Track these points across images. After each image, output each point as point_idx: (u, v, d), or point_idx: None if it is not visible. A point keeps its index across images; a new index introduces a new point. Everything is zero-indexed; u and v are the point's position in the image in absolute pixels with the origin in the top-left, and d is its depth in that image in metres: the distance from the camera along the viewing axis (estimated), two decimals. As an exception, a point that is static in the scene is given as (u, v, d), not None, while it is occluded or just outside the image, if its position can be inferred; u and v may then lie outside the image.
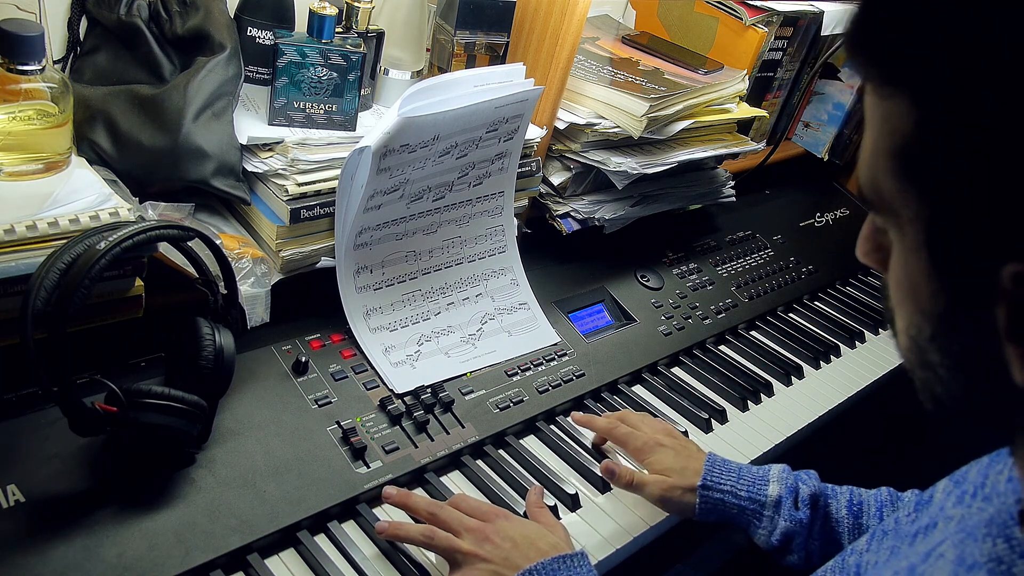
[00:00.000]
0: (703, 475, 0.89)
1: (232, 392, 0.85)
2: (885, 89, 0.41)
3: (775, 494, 0.87)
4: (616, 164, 1.18)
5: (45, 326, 0.66)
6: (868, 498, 0.89)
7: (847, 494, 0.90)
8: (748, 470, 0.90)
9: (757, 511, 0.87)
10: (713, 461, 0.91)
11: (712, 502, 0.88)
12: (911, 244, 0.43)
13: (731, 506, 0.88)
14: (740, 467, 0.91)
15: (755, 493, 0.88)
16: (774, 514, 0.87)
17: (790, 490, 0.88)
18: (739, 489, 0.88)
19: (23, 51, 0.75)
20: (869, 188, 0.45)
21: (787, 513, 0.86)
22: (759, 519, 0.87)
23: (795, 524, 0.85)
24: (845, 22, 0.43)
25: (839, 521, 0.88)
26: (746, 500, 0.88)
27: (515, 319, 1.10)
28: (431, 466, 0.91)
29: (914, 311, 0.45)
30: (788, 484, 0.88)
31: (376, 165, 0.90)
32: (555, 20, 1.09)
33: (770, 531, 0.86)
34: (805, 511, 0.86)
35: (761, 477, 0.89)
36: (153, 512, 0.75)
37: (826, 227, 1.70)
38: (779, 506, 0.87)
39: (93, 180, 0.82)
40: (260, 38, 0.99)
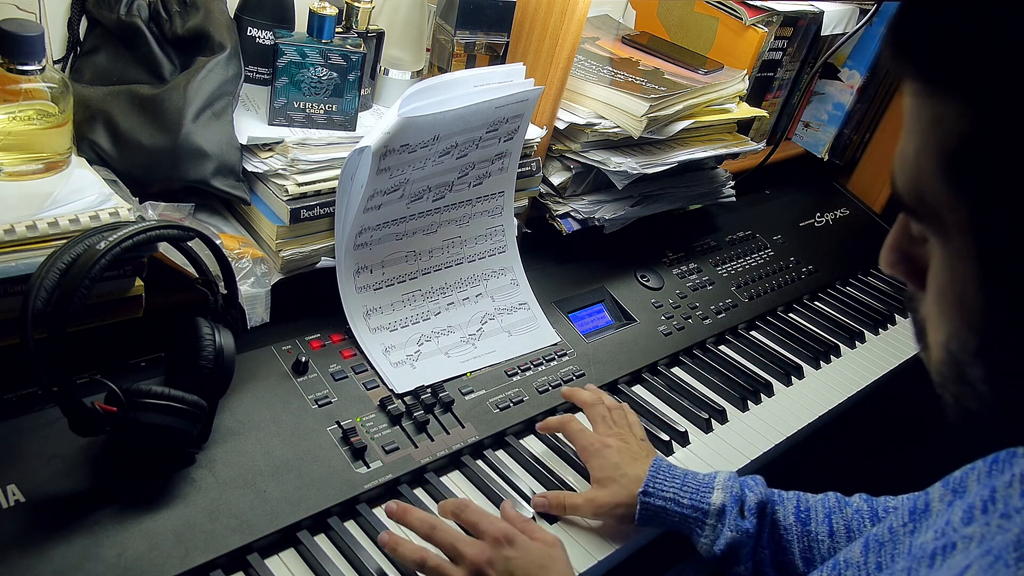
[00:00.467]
0: (645, 481, 0.86)
1: (232, 392, 0.85)
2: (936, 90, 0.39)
3: (719, 502, 0.84)
4: (616, 164, 1.18)
5: (45, 326, 0.66)
6: (815, 503, 0.87)
7: (794, 500, 0.87)
8: (693, 477, 0.87)
9: (699, 519, 0.84)
10: (658, 467, 0.88)
11: (653, 509, 0.86)
12: (958, 253, 0.40)
13: (672, 513, 0.85)
14: (686, 473, 0.88)
15: (698, 501, 0.84)
16: (716, 523, 0.83)
17: (735, 498, 0.84)
18: (681, 497, 0.85)
19: (23, 51, 0.75)
20: (911, 194, 0.42)
21: (732, 522, 0.82)
22: (701, 528, 0.84)
23: (741, 534, 0.82)
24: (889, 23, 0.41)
25: (787, 528, 0.85)
26: (688, 508, 0.84)
27: (515, 319, 1.10)
28: (431, 466, 0.91)
29: (960, 324, 0.42)
30: (733, 492, 0.85)
31: (376, 165, 0.90)
32: (555, 20, 1.09)
33: (712, 540, 0.83)
34: (752, 520, 0.83)
35: (706, 484, 0.86)
36: (153, 512, 0.75)
37: (826, 227, 1.70)
38: (723, 515, 0.83)
39: (93, 180, 0.82)
40: (260, 38, 0.99)
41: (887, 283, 1.63)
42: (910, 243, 0.47)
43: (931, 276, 0.44)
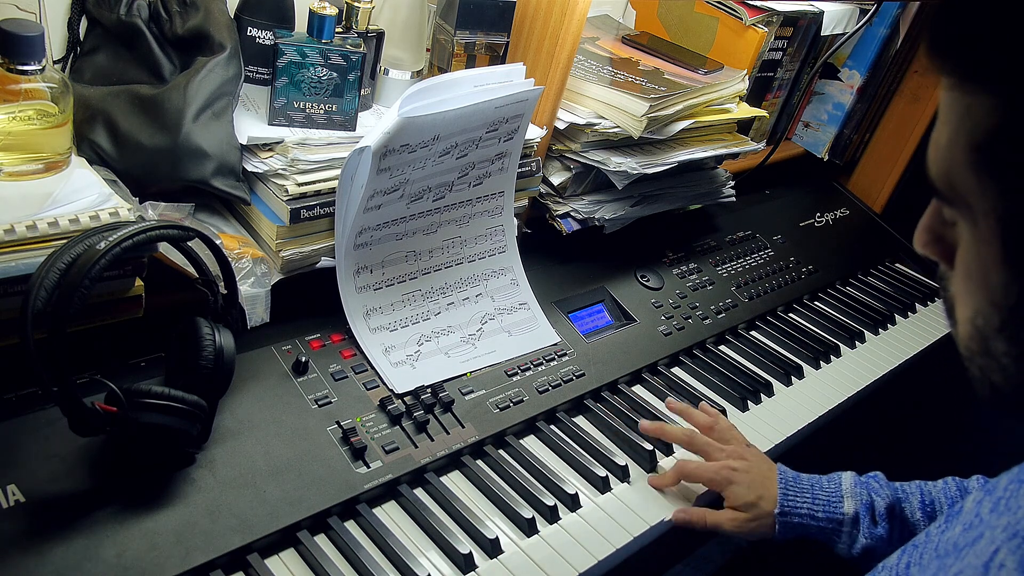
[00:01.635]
0: (779, 502, 0.91)
1: (232, 392, 0.85)
2: (969, 84, 0.42)
3: (851, 511, 0.90)
4: (616, 164, 1.18)
5: (45, 326, 0.66)
6: (938, 495, 0.92)
7: (918, 494, 0.92)
8: (821, 487, 0.92)
9: (836, 529, 0.90)
10: (786, 483, 0.93)
11: (791, 526, 0.91)
12: (984, 236, 0.44)
13: (810, 527, 0.91)
14: (813, 485, 0.93)
15: (832, 512, 0.90)
16: (852, 529, 0.89)
17: (866, 506, 0.90)
18: (816, 511, 0.90)
19: (23, 51, 0.75)
20: (942, 181, 0.46)
21: (866, 531, 0.89)
22: (838, 536, 0.90)
23: (875, 540, 0.88)
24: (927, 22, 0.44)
25: (915, 523, 0.90)
26: (823, 521, 0.90)
27: (515, 319, 1.10)
28: (431, 466, 0.91)
29: (983, 301, 0.46)
30: (863, 500, 0.90)
31: (376, 165, 0.90)
32: (555, 20, 1.09)
33: (850, 545, 0.89)
34: (884, 525, 0.89)
35: (835, 493, 0.91)
36: (153, 512, 0.75)
37: (826, 227, 1.70)
38: (857, 522, 0.89)
39: (93, 180, 0.82)
40: (260, 38, 0.99)
41: (887, 283, 1.63)
42: (941, 226, 0.50)
43: (959, 257, 0.48)
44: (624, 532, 0.91)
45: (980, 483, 0.91)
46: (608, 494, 0.95)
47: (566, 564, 0.85)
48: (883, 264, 1.70)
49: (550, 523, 0.90)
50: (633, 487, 0.97)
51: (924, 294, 1.62)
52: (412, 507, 0.87)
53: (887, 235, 1.79)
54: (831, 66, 1.74)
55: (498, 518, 0.89)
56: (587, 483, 0.96)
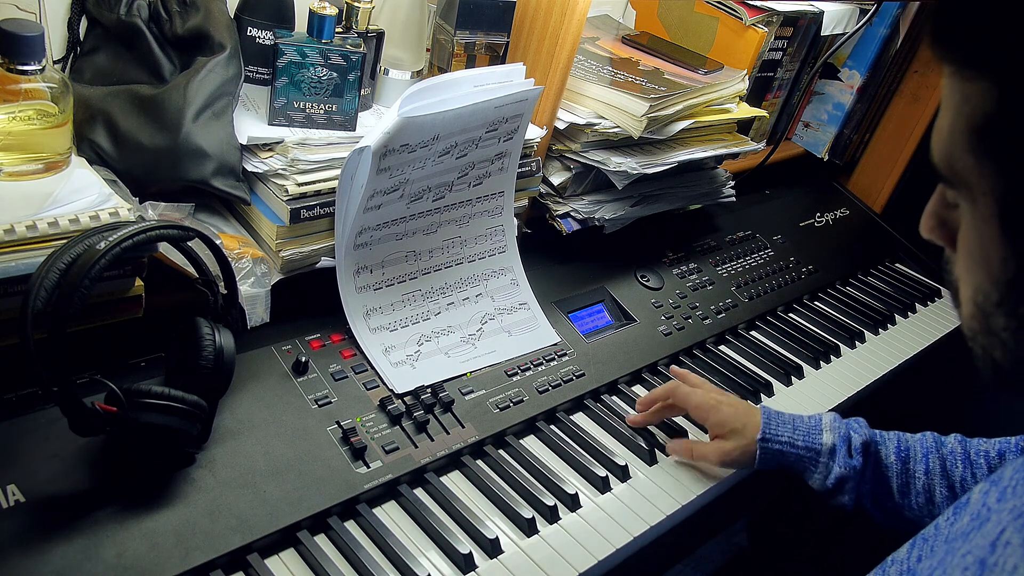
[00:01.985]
0: (762, 429, 0.97)
1: (232, 392, 0.85)
2: (967, 72, 0.46)
3: (829, 442, 0.95)
4: (616, 164, 1.18)
5: (45, 326, 0.66)
6: (914, 444, 0.96)
7: (895, 440, 0.97)
8: (801, 420, 0.98)
9: (813, 458, 0.95)
10: (769, 415, 0.99)
11: (771, 453, 0.96)
12: (983, 215, 0.47)
13: (788, 455, 0.96)
14: (794, 418, 0.98)
15: (811, 442, 0.96)
16: (828, 460, 0.94)
17: (843, 438, 0.95)
18: (796, 439, 0.96)
19: (23, 51, 0.75)
20: (944, 164, 0.49)
21: (841, 460, 0.94)
22: (815, 465, 0.95)
23: (848, 470, 0.93)
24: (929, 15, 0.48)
25: (888, 466, 0.95)
26: (802, 449, 0.96)
27: (515, 319, 1.10)
28: (431, 466, 0.91)
29: (983, 278, 0.49)
30: (841, 433, 0.95)
31: (376, 165, 0.90)
32: (555, 20, 1.09)
33: (824, 476, 0.94)
34: (858, 458, 0.94)
35: (814, 427, 0.97)
36: (153, 512, 0.75)
37: (826, 227, 1.70)
38: (833, 453, 0.94)
39: (93, 180, 0.82)
40: (260, 38, 0.99)
41: (887, 283, 1.63)
42: (945, 210, 0.53)
43: (961, 237, 0.51)
44: (624, 532, 0.91)
45: (958, 440, 0.95)
46: (608, 494, 0.95)
47: (566, 564, 0.85)
48: (883, 264, 1.70)
49: (550, 523, 0.90)
50: (633, 487, 0.97)
51: (924, 294, 1.62)
52: (412, 507, 0.87)
53: (887, 235, 1.79)
54: (831, 66, 1.74)
55: (498, 518, 0.89)
56: (587, 483, 0.96)
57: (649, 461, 1.01)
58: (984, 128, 0.45)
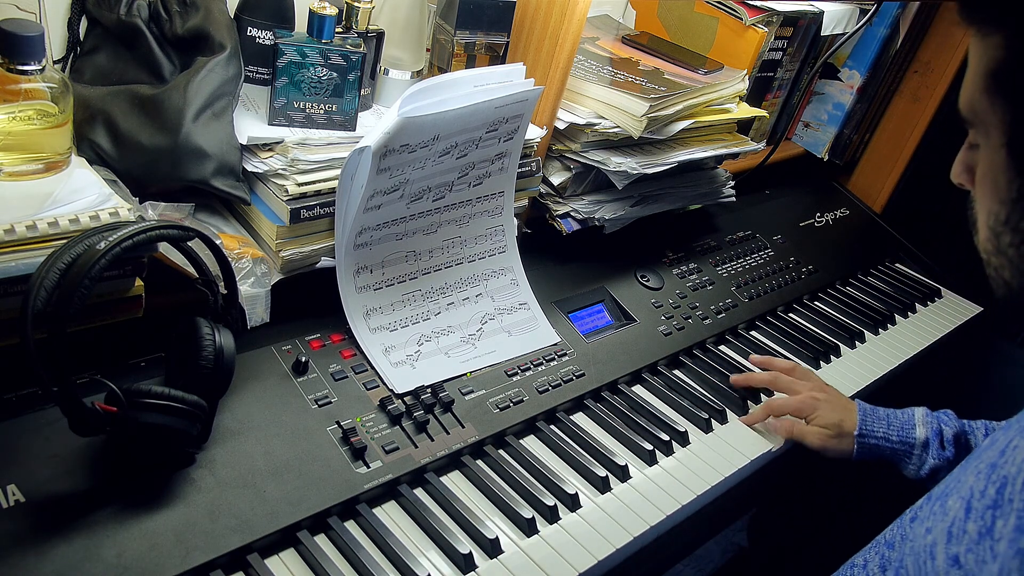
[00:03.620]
0: (859, 425, 1.06)
1: (232, 392, 0.85)
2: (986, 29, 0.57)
3: (922, 436, 1.03)
4: (616, 164, 1.18)
5: (45, 326, 0.66)
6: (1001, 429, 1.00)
7: (982, 428, 1.05)
8: (895, 416, 1.07)
9: (907, 451, 1.04)
10: (864, 412, 1.07)
11: (868, 447, 1.05)
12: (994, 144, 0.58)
13: (884, 448, 1.05)
14: (888, 414, 1.07)
15: (904, 436, 1.04)
16: (923, 453, 1.03)
17: (935, 432, 1.03)
18: (891, 434, 1.05)
19: (23, 51, 0.75)
20: (966, 107, 0.60)
21: (935, 452, 1.02)
22: (909, 458, 1.04)
23: (942, 461, 1.01)
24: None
25: None
26: (897, 443, 1.05)
27: (515, 319, 1.10)
28: (431, 466, 0.91)
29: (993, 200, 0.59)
30: (933, 427, 1.04)
31: (376, 165, 0.90)
32: (555, 20, 1.09)
33: (919, 467, 1.03)
34: (951, 450, 1.02)
35: (907, 422, 1.05)
36: (153, 512, 0.75)
37: (826, 227, 1.70)
38: (927, 446, 1.02)
39: (93, 180, 0.82)
40: (260, 38, 0.99)
41: (887, 283, 1.63)
42: (970, 157, 0.63)
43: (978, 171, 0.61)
44: (624, 532, 0.91)
45: None
46: (608, 494, 0.95)
47: (566, 564, 0.85)
48: (883, 264, 1.70)
49: (550, 523, 0.90)
50: (633, 487, 0.97)
51: (924, 294, 1.62)
52: (412, 507, 0.87)
53: (887, 235, 1.79)
54: (831, 66, 1.74)
55: (498, 518, 0.89)
56: (587, 483, 0.96)
57: (649, 461, 1.01)
58: (996, 72, 0.57)
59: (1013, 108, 0.56)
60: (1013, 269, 0.58)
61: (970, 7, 0.59)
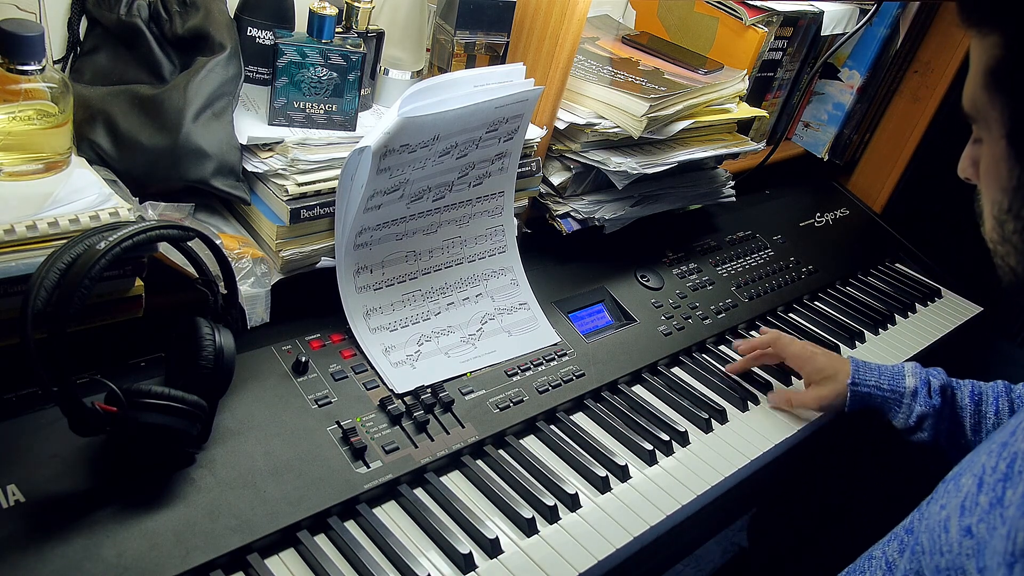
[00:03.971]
0: (851, 375, 1.11)
1: (232, 392, 0.85)
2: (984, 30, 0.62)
3: (912, 385, 1.09)
4: (616, 164, 1.18)
5: (45, 326, 0.66)
6: (986, 389, 1.08)
7: (969, 386, 1.09)
8: (886, 368, 1.12)
9: (897, 400, 1.09)
10: (857, 364, 1.13)
11: (860, 396, 1.11)
12: (995, 137, 0.63)
13: (876, 397, 1.10)
14: (879, 366, 1.13)
15: (895, 385, 1.10)
16: (911, 401, 1.08)
17: (923, 382, 1.09)
18: (882, 383, 1.10)
19: (23, 51, 0.75)
20: (969, 104, 0.65)
21: (922, 400, 1.07)
22: (899, 406, 1.09)
23: (928, 409, 1.07)
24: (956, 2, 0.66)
25: (963, 408, 1.07)
26: (888, 391, 1.10)
27: (515, 319, 1.10)
28: (431, 466, 0.91)
29: (996, 189, 0.64)
30: (921, 377, 1.09)
31: (376, 165, 0.90)
32: (555, 20, 1.09)
33: (907, 415, 1.08)
34: (936, 398, 1.07)
35: (898, 372, 1.11)
36: (153, 512, 0.75)
37: (826, 227, 1.70)
38: (915, 395, 1.08)
39: (93, 180, 0.82)
40: (260, 38, 0.99)
41: (887, 283, 1.63)
42: (975, 151, 0.67)
43: (981, 164, 0.65)
44: (624, 532, 0.91)
45: None
46: (608, 494, 0.95)
47: (566, 564, 0.85)
48: (883, 264, 1.70)
49: (550, 523, 0.90)
50: (633, 487, 0.97)
51: (924, 294, 1.62)
52: (412, 507, 0.87)
53: (887, 235, 1.79)
54: (831, 66, 1.74)
55: (498, 518, 0.89)
56: (587, 483, 0.96)
57: (649, 461, 1.01)
58: (995, 70, 0.61)
59: (1011, 102, 0.61)
60: (1018, 255, 0.62)
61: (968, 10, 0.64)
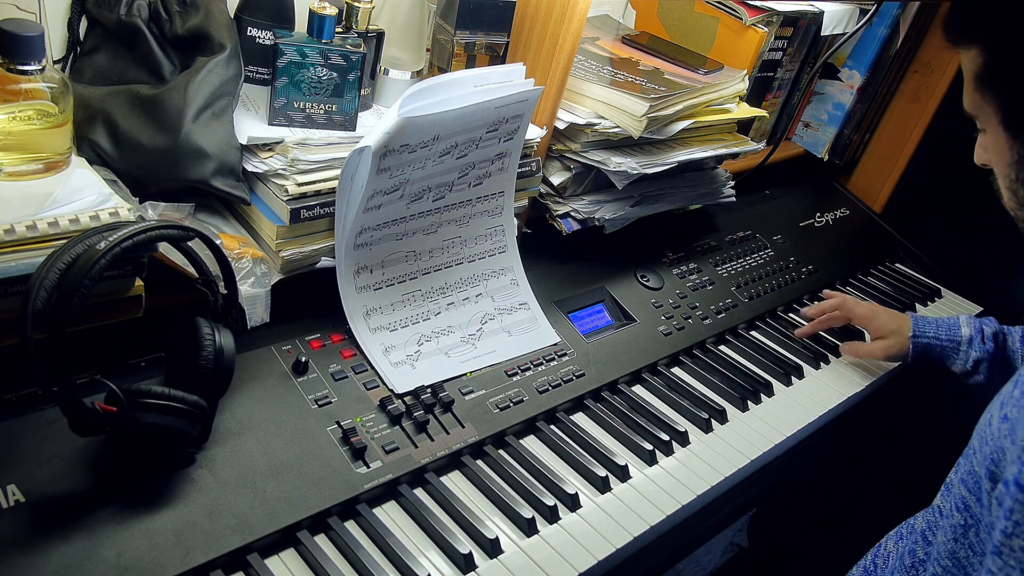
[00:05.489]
0: (912, 328, 1.27)
1: (232, 392, 0.85)
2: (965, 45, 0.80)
3: (967, 334, 1.22)
4: (616, 164, 1.18)
5: (45, 326, 0.66)
6: None
7: (1020, 331, 1.22)
8: (943, 320, 1.26)
9: (954, 347, 1.23)
10: (916, 319, 1.28)
11: (921, 346, 1.26)
12: (993, 125, 0.79)
13: (935, 347, 1.25)
14: (936, 320, 1.27)
15: (952, 335, 1.24)
16: (968, 348, 1.22)
17: (977, 330, 1.22)
18: (940, 334, 1.25)
19: (23, 51, 0.75)
20: (969, 106, 0.82)
21: (977, 346, 1.21)
22: (956, 353, 1.23)
23: (983, 354, 1.20)
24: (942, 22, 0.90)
25: (1014, 351, 1.21)
26: (946, 340, 1.24)
27: (515, 319, 1.10)
28: (431, 466, 0.91)
29: (1003, 166, 0.80)
30: (975, 327, 1.23)
31: (376, 165, 0.90)
32: (555, 20, 1.09)
33: (965, 360, 1.22)
34: (990, 343, 1.21)
35: (954, 323, 1.25)
36: (153, 512, 0.75)
37: (826, 227, 1.70)
38: (971, 342, 1.21)
39: (93, 180, 0.82)
40: (260, 38, 0.99)
41: (887, 283, 1.63)
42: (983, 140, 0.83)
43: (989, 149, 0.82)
44: (624, 532, 0.91)
45: None
46: (608, 494, 0.95)
47: (566, 564, 0.85)
48: (883, 264, 1.70)
49: (550, 523, 0.90)
50: (633, 487, 0.97)
51: (924, 294, 1.62)
52: (412, 507, 0.87)
53: (887, 235, 1.79)
54: (831, 66, 1.74)
55: (498, 518, 0.89)
56: (587, 483, 0.96)
57: (649, 461, 1.01)
58: (981, 75, 0.79)
59: (999, 96, 0.78)
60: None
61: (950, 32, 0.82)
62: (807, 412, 1.19)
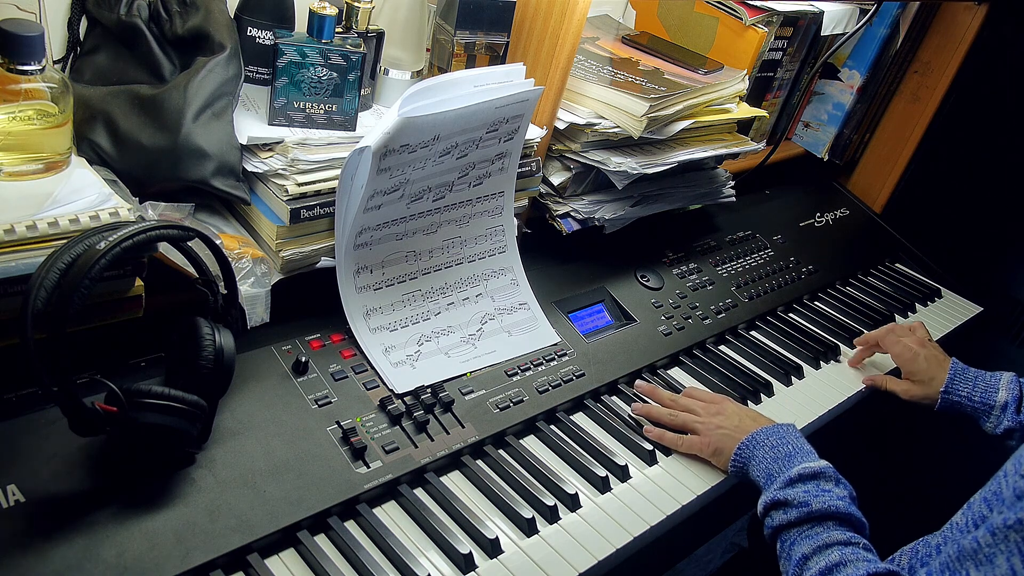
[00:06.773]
0: (945, 384, 1.20)
1: (232, 392, 0.85)
2: None
3: (1003, 400, 1.16)
4: (616, 164, 1.18)
5: (45, 326, 0.66)
6: None
7: None
8: (982, 377, 1.19)
9: (987, 411, 1.17)
10: (956, 370, 1.21)
11: (950, 403, 1.20)
12: None
13: (965, 407, 1.19)
14: (976, 375, 1.20)
15: (987, 399, 1.17)
16: (1001, 414, 1.15)
17: (1015, 398, 1.15)
18: (974, 395, 1.18)
19: (23, 51, 0.75)
20: None
21: (1011, 415, 1.14)
22: (987, 416, 1.17)
23: (1015, 424, 1.14)
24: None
25: None
26: (979, 403, 1.17)
27: (515, 319, 1.10)
28: (431, 466, 0.91)
29: None
30: (1014, 393, 1.16)
31: (376, 165, 0.90)
32: (555, 20, 1.09)
33: (995, 426, 1.16)
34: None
35: (993, 385, 1.18)
36: (153, 512, 0.75)
37: (826, 227, 1.70)
38: (1005, 409, 1.15)
39: (93, 180, 0.82)
40: (260, 38, 0.99)
41: (887, 283, 1.63)
42: None
43: None
44: (624, 532, 0.91)
45: None
46: (608, 494, 0.95)
47: (566, 564, 0.85)
48: (883, 264, 1.70)
49: (550, 523, 0.90)
50: (633, 487, 0.97)
51: (924, 294, 1.62)
52: (412, 507, 0.87)
53: (887, 235, 1.79)
54: (831, 66, 1.74)
55: (498, 518, 0.89)
56: (587, 483, 0.96)
57: (649, 461, 1.01)
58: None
59: None
60: None
61: None
62: (807, 412, 1.19)
